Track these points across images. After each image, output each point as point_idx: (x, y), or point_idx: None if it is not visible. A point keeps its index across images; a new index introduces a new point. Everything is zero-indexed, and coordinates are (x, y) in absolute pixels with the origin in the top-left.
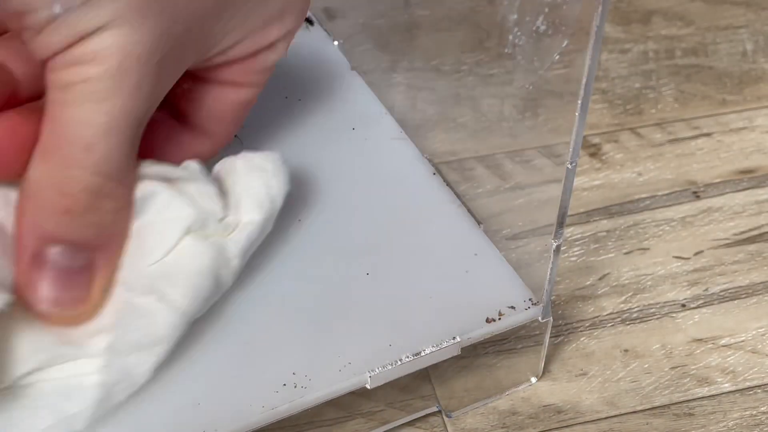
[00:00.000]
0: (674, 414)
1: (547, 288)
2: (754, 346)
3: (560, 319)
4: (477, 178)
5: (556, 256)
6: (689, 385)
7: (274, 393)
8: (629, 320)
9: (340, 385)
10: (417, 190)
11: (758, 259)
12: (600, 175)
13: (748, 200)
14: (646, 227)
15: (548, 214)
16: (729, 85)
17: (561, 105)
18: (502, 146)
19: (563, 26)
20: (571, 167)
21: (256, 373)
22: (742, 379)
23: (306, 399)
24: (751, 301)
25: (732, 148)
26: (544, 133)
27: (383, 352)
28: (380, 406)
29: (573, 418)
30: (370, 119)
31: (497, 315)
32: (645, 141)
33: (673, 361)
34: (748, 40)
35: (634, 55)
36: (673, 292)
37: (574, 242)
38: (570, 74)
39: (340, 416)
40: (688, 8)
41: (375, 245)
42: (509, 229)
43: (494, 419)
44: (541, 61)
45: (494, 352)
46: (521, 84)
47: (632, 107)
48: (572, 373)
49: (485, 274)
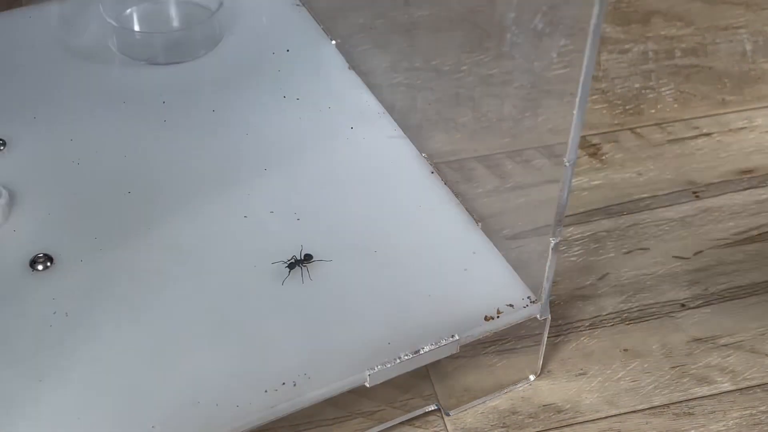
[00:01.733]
0: (674, 413)
1: (546, 286)
2: (754, 345)
3: (560, 319)
4: (477, 177)
5: (555, 254)
6: (689, 385)
7: (273, 392)
8: (629, 320)
9: (339, 384)
10: (415, 188)
11: (758, 258)
12: (600, 175)
13: (748, 200)
14: (645, 227)
15: (547, 214)
16: (728, 85)
17: (560, 105)
18: (501, 146)
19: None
20: (569, 165)
21: (255, 372)
22: (741, 379)
23: (305, 398)
24: (751, 301)
25: (732, 148)
26: (544, 133)
27: (382, 350)
28: (379, 405)
29: (573, 418)
30: (369, 118)
31: (496, 313)
32: (645, 141)
33: (673, 360)
34: (748, 41)
35: (634, 55)
36: (673, 291)
37: (574, 242)
38: (569, 74)
39: (339, 415)
40: (688, 9)
41: (374, 244)
42: (509, 228)
43: (494, 418)
44: (539, 61)
45: (494, 351)
46: (520, 84)
47: (632, 107)
48: (572, 373)
49: (484, 273)
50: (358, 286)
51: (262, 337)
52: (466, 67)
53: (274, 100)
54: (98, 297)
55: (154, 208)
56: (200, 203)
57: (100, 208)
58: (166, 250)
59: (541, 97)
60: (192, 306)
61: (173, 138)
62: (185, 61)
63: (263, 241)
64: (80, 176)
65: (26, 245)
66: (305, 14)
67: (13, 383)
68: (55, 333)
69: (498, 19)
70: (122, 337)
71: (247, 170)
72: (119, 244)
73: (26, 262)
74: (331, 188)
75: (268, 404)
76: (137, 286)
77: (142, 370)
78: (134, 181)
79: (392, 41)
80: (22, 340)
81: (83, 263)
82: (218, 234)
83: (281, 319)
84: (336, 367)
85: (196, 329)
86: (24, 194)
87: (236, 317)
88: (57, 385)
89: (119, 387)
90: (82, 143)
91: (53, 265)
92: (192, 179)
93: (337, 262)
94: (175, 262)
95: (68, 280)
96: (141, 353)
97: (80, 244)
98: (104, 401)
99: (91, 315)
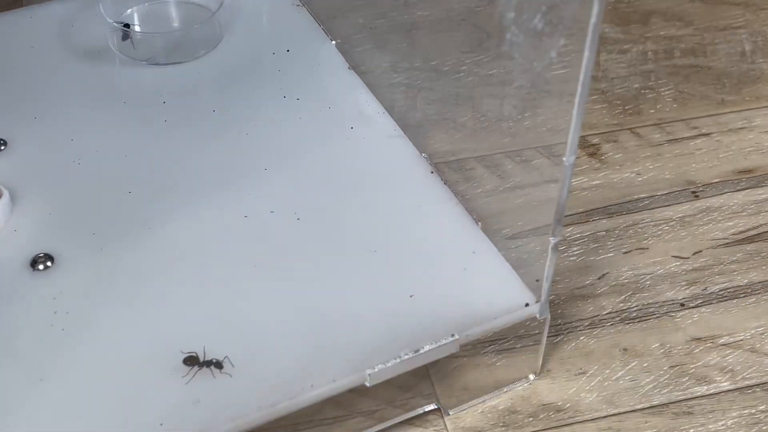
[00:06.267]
0: (673, 413)
1: (546, 285)
2: (753, 345)
3: (559, 318)
4: (476, 177)
5: (554, 253)
6: (688, 384)
7: (273, 391)
8: (628, 319)
9: (339, 383)
10: (415, 188)
11: (757, 258)
12: (599, 175)
13: (747, 200)
14: (645, 227)
15: (547, 213)
16: (728, 85)
17: (559, 105)
18: (501, 146)
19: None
20: (568, 164)
21: (255, 371)
22: (740, 378)
23: (305, 397)
24: (750, 301)
25: (731, 148)
26: (543, 132)
27: (382, 350)
28: (379, 404)
29: (572, 417)
30: (368, 118)
31: (495, 313)
32: (644, 141)
33: (672, 360)
34: (747, 41)
35: (634, 55)
36: (672, 291)
37: (574, 242)
38: (568, 75)
39: (339, 414)
40: (687, 9)
41: (373, 243)
42: (508, 228)
43: (494, 418)
44: (539, 61)
45: (493, 351)
46: (520, 84)
47: (631, 107)
48: (571, 372)
49: (483, 272)
50: (358, 286)
51: (262, 337)
52: (466, 67)
53: (274, 100)
54: (98, 297)
55: (154, 208)
56: (200, 203)
57: (100, 208)
58: (166, 250)
59: (541, 97)
60: (192, 306)
61: (173, 138)
62: (185, 61)
63: (263, 241)
64: (80, 176)
65: (26, 245)
66: (305, 14)
67: (13, 383)
68: (55, 333)
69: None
70: (122, 337)
71: (247, 170)
72: (119, 244)
73: (26, 262)
74: (331, 188)
75: (268, 403)
76: (137, 286)
77: (142, 369)
78: (134, 181)
79: (392, 41)
80: (23, 339)
81: (83, 263)
82: (218, 234)
83: (281, 319)
84: (336, 366)
85: (196, 329)
86: (24, 194)
87: (236, 317)
88: (57, 385)
89: (119, 387)
90: (82, 143)
91: (53, 265)
92: (192, 179)
93: (337, 262)
94: (175, 262)
95: (68, 280)
96: (141, 353)
97: (80, 244)
98: (104, 401)
99: (91, 315)
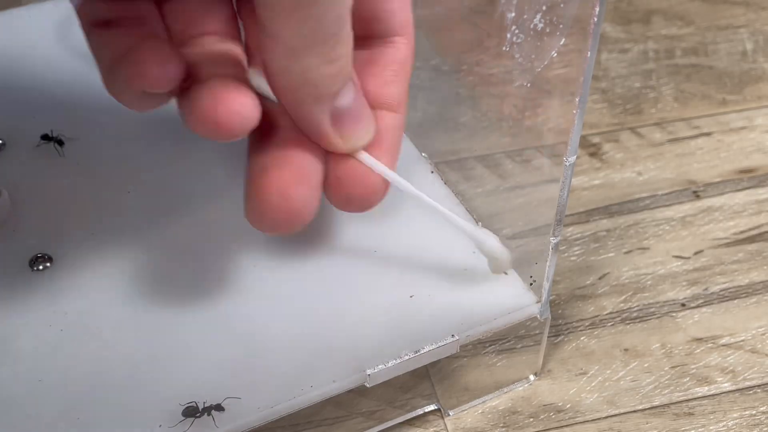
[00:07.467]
0: (674, 413)
1: (546, 286)
2: (754, 345)
3: (560, 319)
4: (477, 177)
5: (555, 253)
6: (689, 385)
7: (273, 391)
8: (629, 320)
9: (339, 384)
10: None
11: (758, 258)
12: (600, 175)
13: (748, 200)
14: (646, 227)
15: (547, 214)
16: (729, 84)
17: (560, 104)
18: (501, 146)
19: (561, 25)
20: (569, 164)
21: (254, 372)
22: (741, 379)
23: (305, 398)
24: (751, 301)
25: (732, 148)
26: (544, 132)
27: (382, 350)
28: (379, 404)
29: (573, 418)
30: None
31: (496, 313)
32: (645, 140)
33: (673, 360)
34: (748, 40)
35: (634, 54)
36: (673, 291)
37: (574, 242)
38: (569, 74)
39: (339, 415)
40: (688, 8)
41: (373, 243)
42: (509, 228)
43: (494, 418)
44: (539, 60)
45: (494, 351)
46: (520, 83)
47: (632, 107)
48: (572, 373)
49: (484, 273)
50: (358, 286)
51: (261, 337)
52: (466, 66)
53: None
54: (98, 297)
55: (154, 207)
56: (200, 203)
57: (99, 209)
58: (167, 250)
59: (541, 97)
60: (192, 306)
61: (173, 137)
62: None
63: (263, 240)
64: (80, 176)
65: (26, 245)
66: None
67: (13, 383)
68: (54, 333)
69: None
70: (122, 336)
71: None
72: (119, 244)
73: (26, 262)
74: None
75: (268, 404)
76: (137, 286)
77: (142, 369)
78: (134, 180)
79: None
80: (22, 339)
81: (83, 263)
82: (218, 234)
83: (281, 319)
84: (336, 367)
85: (196, 329)
86: (24, 194)
87: (236, 317)
88: (57, 385)
89: (119, 387)
90: (82, 143)
91: (53, 265)
92: (192, 178)
93: (337, 262)
94: (176, 262)
95: (68, 280)
96: (141, 353)
97: (80, 244)
98: (104, 401)
99: (91, 315)
